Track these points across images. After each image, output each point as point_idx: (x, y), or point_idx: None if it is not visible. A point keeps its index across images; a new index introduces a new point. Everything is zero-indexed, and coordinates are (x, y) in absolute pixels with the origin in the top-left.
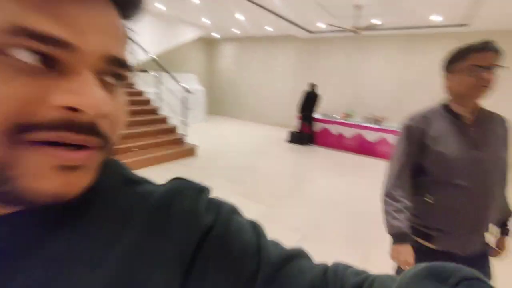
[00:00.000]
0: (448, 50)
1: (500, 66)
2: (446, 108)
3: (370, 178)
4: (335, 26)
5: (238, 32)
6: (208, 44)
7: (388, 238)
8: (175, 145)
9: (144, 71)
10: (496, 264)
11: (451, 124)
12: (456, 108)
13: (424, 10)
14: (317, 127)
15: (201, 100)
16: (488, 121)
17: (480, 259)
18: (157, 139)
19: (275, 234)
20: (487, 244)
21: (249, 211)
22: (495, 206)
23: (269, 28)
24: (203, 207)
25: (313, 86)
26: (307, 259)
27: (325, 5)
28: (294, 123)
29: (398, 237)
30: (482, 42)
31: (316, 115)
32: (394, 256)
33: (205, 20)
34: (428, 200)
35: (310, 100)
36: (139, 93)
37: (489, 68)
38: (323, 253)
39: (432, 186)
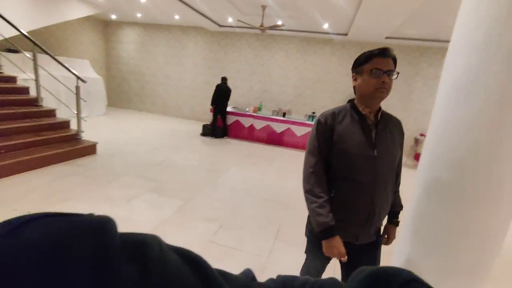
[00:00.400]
0: (335, 53)
1: (395, 71)
2: (354, 107)
3: (279, 166)
4: (244, 22)
5: (139, 15)
6: (104, 26)
7: (298, 215)
8: (67, 142)
9: (14, 51)
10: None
11: (356, 123)
12: (362, 108)
13: (318, 18)
14: (230, 120)
15: (100, 90)
16: (387, 123)
17: (372, 247)
18: (41, 137)
19: (194, 227)
20: (379, 234)
21: (165, 207)
22: (386, 201)
23: (177, 17)
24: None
25: (225, 79)
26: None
27: (235, 1)
28: (207, 116)
29: (326, 233)
30: (383, 48)
31: (229, 108)
32: (328, 252)
33: None
34: (331, 194)
35: (222, 93)
36: (9, 79)
37: (387, 72)
38: (241, 238)
39: (334, 181)
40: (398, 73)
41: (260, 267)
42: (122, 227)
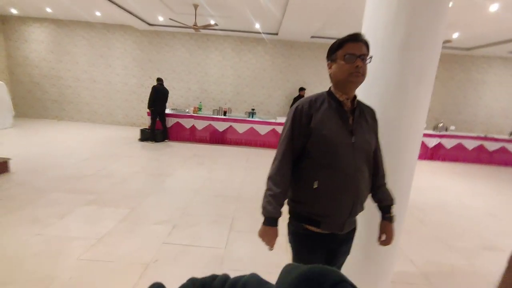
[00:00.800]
0: (268, 52)
1: (368, 56)
2: (331, 94)
3: (224, 163)
4: (176, 21)
5: (50, 10)
6: (2, 22)
7: (249, 205)
8: None
9: None
10: None
11: (334, 110)
12: (339, 95)
13: (249, 18)
14: (170, 122)
15: (2, 98)
16: (362, 110)
17: (350, 235)
18: None
19: (145, 233)
20: (356, 221)
21: (107, 218)
22: (367, 188)
23: (98, 13)
24: None
25: (160, 80)
26: None
27: (165, 0)
28: (143, 120)
29: (268, 221)
30: (354, 34)
31: (168, 110)
32: (260, 235)
33: None
34: (315, 186)
35: (159, 95)
36: None
37: (360, 56)
38: (196, 234)
39: (316, 171)
40: (371, 57)
41: (219, 259)
42: (60, 247)
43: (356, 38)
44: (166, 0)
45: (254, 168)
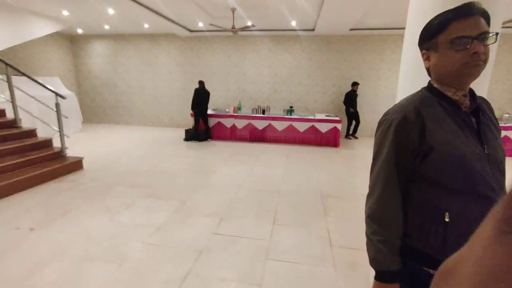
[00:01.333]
0: (304, 49)
1: (490, 32)
2: (439, 94)
3: (264, 160)
4: (216, 26)
5: (107, 27)
6: (71, 41)
7: (290, 199)
8: (53, 161)
9: None
10: None
11: (452, 115)
12: (452, 92)
13: (285, 16)
14: (212, 122)
15: (74, 106)
16: (481, 106)
17: None
18: (26, 157)
19: (196, 223)
20: None
21: (163, 209)
22: None
23: (146, 25)
24: None
25: (202, 83)
26: None
27: (204, 6)
28: (187, 121)
29: (382, 276)
30: (463, 5)
31: (209, 111)
32: None
33: (65, 13)
34: (446, 219)
35: (201, 97)
36: None
37: (478, 37)
38: (242, 227)
39: (443, 199)
40: (496, 33)
41: (264, 250)
42: (128, 232)
43: (468, 12)
44: (205, 6)
45: (294, 164)
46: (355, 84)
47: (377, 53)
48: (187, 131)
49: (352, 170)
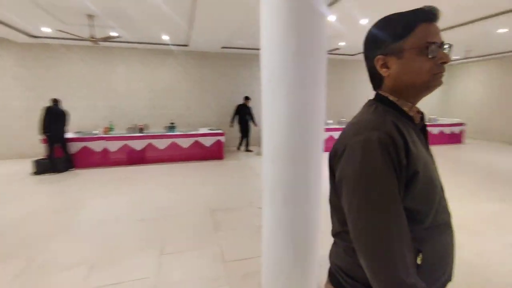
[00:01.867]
0: (180, 63)
1: (449, 44)
2: (394, 107)
3: (146, 183)
4: (67, 32)
5: None
6: None
7: (179, 221)
8: None
9: None
10: None
11: (413, 132)
12: (408, 108)
13: (155, 30)
14: (75, 148)
15: None
16: (424, 123)
17: None
18: None
19: (53, 283)
20: None
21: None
22: None
23: None
24: None
25: (56, 101)
26: None
27: (50, 9)
28: (37, 149)
29: None
30: (430, 7)
31: (69, 134)
32: None
33: None
34: (418, 262)
35: (55, 117)
36: None
37: (443, 45)
38: (121, 269)
39: (421, 236)
40: (451, 45)
41: None
42: None
43: (434, 16)
44: (53, 10)
45: (179, 182)
46: (247, 98)
47: (247, 68)
48: (37, 162)
49: (238, 179)
